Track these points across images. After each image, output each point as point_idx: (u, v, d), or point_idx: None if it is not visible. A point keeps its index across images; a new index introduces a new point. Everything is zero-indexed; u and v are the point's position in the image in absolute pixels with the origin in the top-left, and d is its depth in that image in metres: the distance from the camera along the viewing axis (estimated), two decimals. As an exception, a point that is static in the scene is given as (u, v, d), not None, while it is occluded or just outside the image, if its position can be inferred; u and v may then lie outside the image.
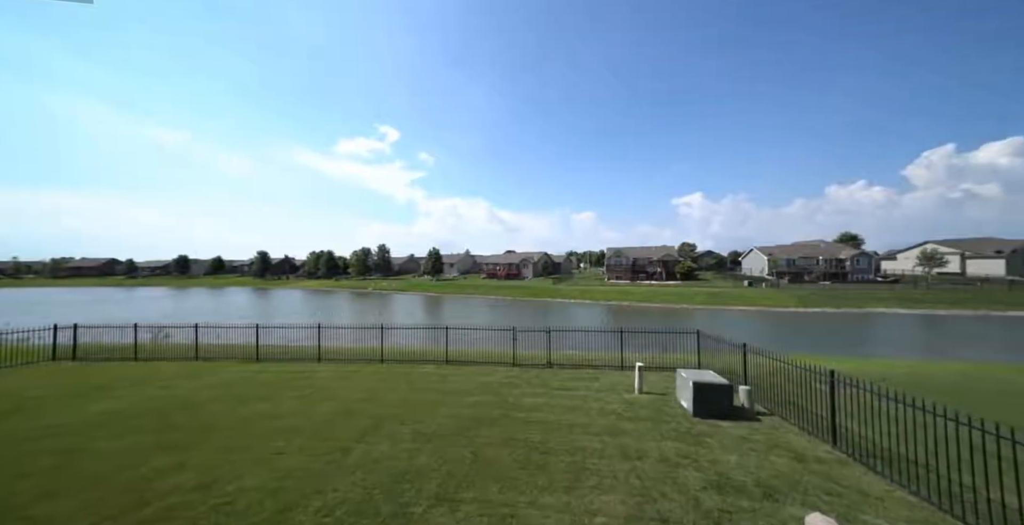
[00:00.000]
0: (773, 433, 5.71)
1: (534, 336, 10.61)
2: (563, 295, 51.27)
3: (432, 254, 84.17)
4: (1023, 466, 3.19)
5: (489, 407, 6.88)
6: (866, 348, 20.74)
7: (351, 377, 9.26)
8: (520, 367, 10.04)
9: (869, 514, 3.75)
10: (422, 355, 11.10)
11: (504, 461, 4.84)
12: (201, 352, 11.76)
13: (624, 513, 3.76)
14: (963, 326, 28.20)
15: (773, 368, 6.58)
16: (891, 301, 37.38)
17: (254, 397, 7.63)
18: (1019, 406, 6.89)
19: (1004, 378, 9.22)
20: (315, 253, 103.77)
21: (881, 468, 4.50)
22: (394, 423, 6.15)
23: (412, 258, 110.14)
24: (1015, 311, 33.03)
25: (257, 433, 5.82)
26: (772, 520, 3.64)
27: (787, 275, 55.13)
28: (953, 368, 10.74)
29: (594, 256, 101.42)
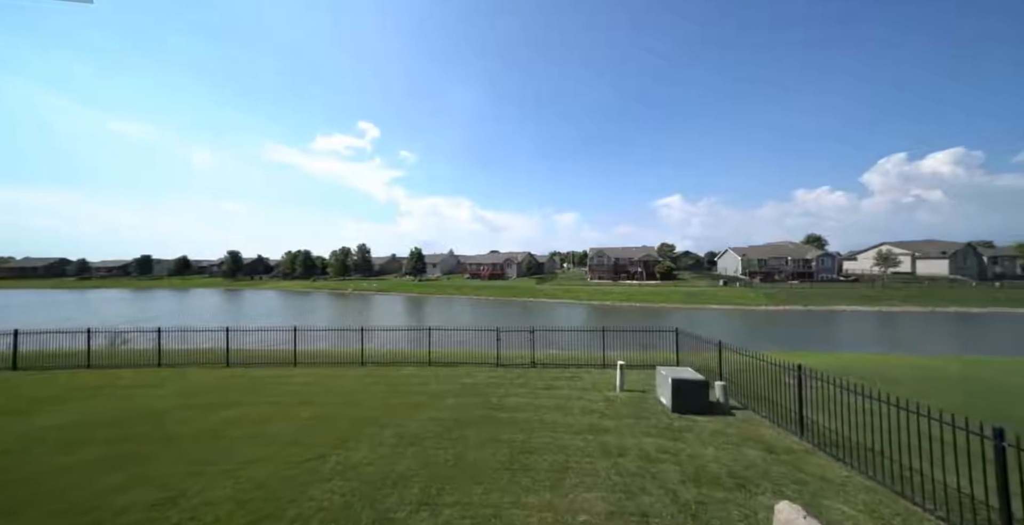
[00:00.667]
0: (746, 426, 5.95)
1: (518, 336, 10.63)
2: (547, 295, 51.66)
3: (414, 254, 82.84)
4: (962, 449, 3.48)
5: (472, 408, 6.83)
6: (831, 344, 22.02)
7: (329, 381, 8.97)
8: (504, 367, 10.03)
9: (832, 499, 3.97)
10: (404, 357, 10.90)
11: (488, 462, 4.81)
12: (165, 357, 11.08)
13: (606, 510, 3.82)
14: (913, 322, 30.45)
15: (746, 364, 6.88)
16: (851, 299, 39.92)
17: (223, 404, 7.26)
18: (962, 394, 7.50)
19: (950, 369, 10.00)
20: (291, 253, 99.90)
21: (843, 456, 4.78)
22: (374, 427, 6.00)
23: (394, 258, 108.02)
24: (957, 307, 36.05)
25: (226, 442, 5.53)
26: (745, 509, 3.80)
27: (759, 274, 57.77)
28: (906, 361, 11.56)
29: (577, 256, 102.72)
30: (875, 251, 60.51)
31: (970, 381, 8.61)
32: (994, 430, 3.23)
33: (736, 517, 3.68)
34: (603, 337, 10.22)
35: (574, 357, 10.52)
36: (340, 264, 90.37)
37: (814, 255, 58.65)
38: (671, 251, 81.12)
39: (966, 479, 3.64)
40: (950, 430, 3.56)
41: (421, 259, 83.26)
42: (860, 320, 31.57)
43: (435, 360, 10.57)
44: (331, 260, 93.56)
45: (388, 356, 10.96)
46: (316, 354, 11.06)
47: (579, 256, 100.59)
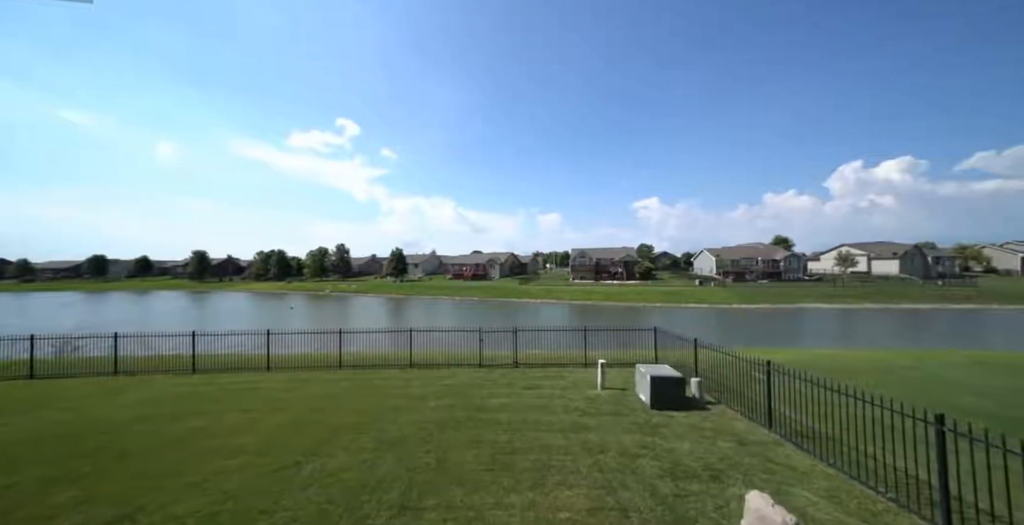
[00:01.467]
0: (720, 420, 6.21)
1: (501, 336, 10.63)
2: (530, 295, 51.92)
3: (395, 254, 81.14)
4: (909, 435, 3.78)
5: (455, 410, 6.78)
6: (797, 340, 23.33)
7: (305, 386, 8.65)
8: (487, 368, 10.00)
9: (797, 487, 4.21)
10: (384, 360, 10.66)
11: (470, 464, 4.79)
12: (123, 365, 10.35)
13: (587, 506, 3.89)
14: (869, 318, 32.72)
15: (719, 360, 7.18)
16: (815, 297, 42.42)
17: (189, 413, 6.86)
18: (910, 384, 8.12)
19: (901, 362, 10.81)
20: (263, 253, 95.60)
21: (807, 446, 5.08)
22: (353, 432, 5.84)
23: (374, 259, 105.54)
24: (906, 304, 39.05)
25: (191, 453, 5.23)
26: (718, 500, 3.96)
27: (732, 274, 60.35)
28: (863, 355, 12.41)
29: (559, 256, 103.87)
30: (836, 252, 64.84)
31: (917, 372, 9.34)
32: (935, 417, 3.53)
33: (710, 508, 3.84)
34: (584, 336, 10.39)
35: (556, 356, 10.62)
36: (317, 265, 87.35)
37: (782, 256, 61.92)
38: (650, 252, 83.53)
39: (912, 462, 3.95)
40: (899, 418, 3.85)
41: (402, 260, 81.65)
42: (823, 317, 33.60)
43: (417, 362, 10.41)
44: (307, 261, 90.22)
45: (368, 359, 10.69)
46: (291, 359, 10.64)
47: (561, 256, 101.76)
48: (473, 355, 10.49)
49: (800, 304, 40.14)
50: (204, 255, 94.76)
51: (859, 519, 3.65)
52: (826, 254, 69.72)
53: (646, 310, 39.18)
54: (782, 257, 61.48)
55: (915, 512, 3.68)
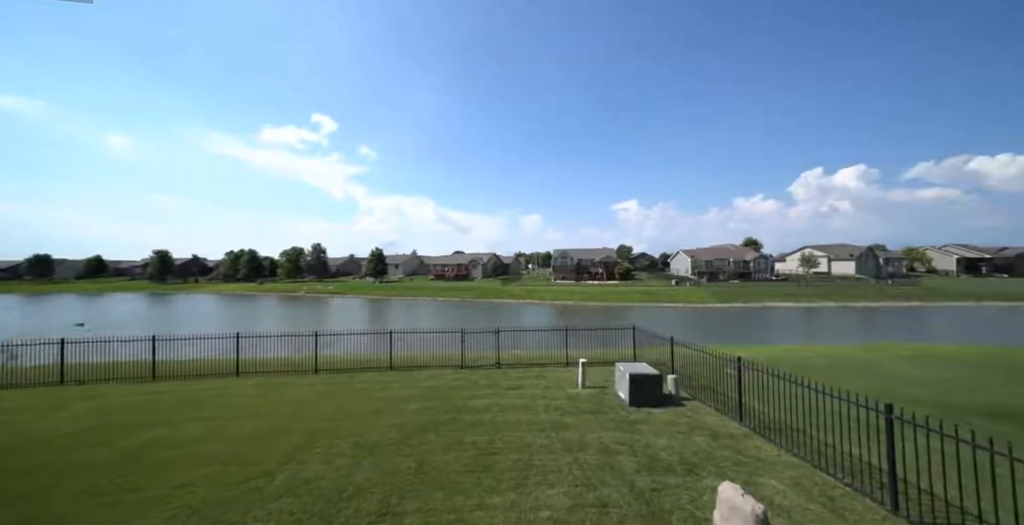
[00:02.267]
0: (695, 415, 6.45)
1: (483, 337, 10.60)
2: (512, 295, 52.04)
3: (374, 254, 79.27)
4: (863, 423, 4.08)
5: (436, 412, 6.70)
6: (765, 337, 24.59)
7: (278, 391, 8.29)
8: (469, 369, 9.94)
9: (765, 477, 4.44)
10: (363, 363, 10.38)
11: (451, 466, 4.74)
12: (72, 374, 9.54)
13: (567, 504, 3.94)
14: (829, 315, 35.00)
15: (694, 358, 7.46)
16: (781, 296, 44.91)
17: (147, 423, 6.41)
18: (864, 376, 8.75)
19: (856, 356, 11.63)
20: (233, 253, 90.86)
21: (774, 437, 5.36)
22: (329, 438, 5.65)
23: (352, 259, 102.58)
24: (861, 302, 42.04)
25: (150, 466, 4.89)
26: (693, 492, 4.12)
27: (706, 274, 62.87)
28: (824, 350, 13.25)
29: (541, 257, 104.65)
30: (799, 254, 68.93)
31: (870, 366, 10.09)
32: (885, 406, 3.82)
33: (685, 500, 3.98)
34: (566, 336, 10.52)
35: (539, 356, 10.70)
36: (291, 265, 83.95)
37: (751, 257, 65.13)
38: (629, 253, 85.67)
39: (867, 449, 4.26)
40: (854, 408, 4.14)
41: (382, 260, 79.84)
42: (788, 315, 35.61)
43: (397, 364, 10.20)
44: (281, 261, 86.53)
45: (346, 362, 10.37)
46: (263, 363, 10.17)
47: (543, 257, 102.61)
48: (455, 356, 10.40)
49: (768, 303, 42.36)
50: (166, 255, 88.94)
51: (820, 505, 3.89)
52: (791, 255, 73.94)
53: (625, 310, 40.15)
54: (752, 258, 64.66)
55: (868, 495, 3.97)
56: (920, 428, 3.52)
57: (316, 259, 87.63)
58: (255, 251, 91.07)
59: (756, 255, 66.14)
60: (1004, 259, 67.70)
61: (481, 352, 10.72)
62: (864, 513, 3.74)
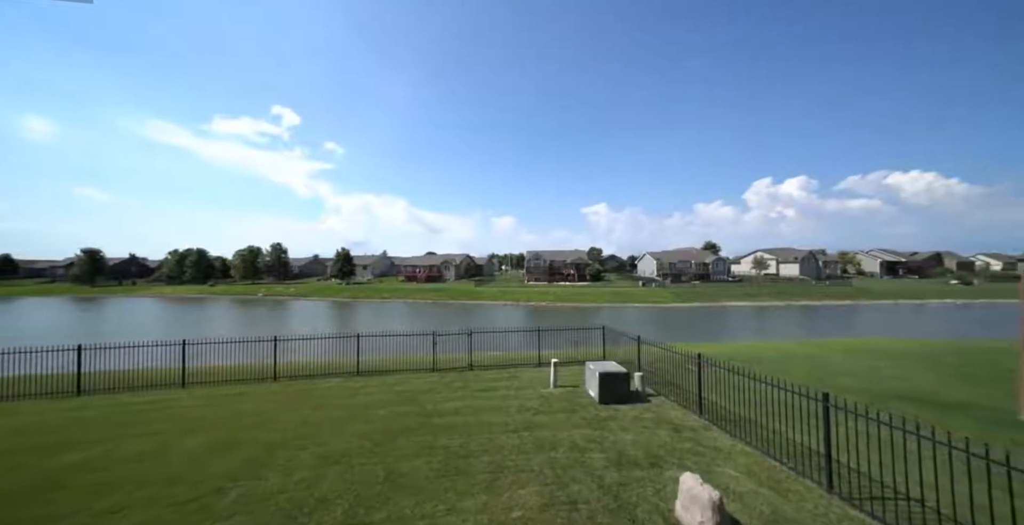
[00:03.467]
0: (659, 410, 6.77)
1: (455, 339, 10.46)
2: (485, 297, 51.83)
3: (341, 255, 75.77)
4: (805, 412, 4.50)
5: (406, 417, 6.52)
6: (723, 334, 26.32)
7: (232, 402, 7.68)
8: (440, 372, 9.77)
9: (721, 466, 4.76)
10: (328, 368, 9.88)
11: (421, 472, 4.64)
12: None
13: (539, 503, 3.99)
14: (777, 313, 38.14)
15: (659, 355, 7.84)
16: (736, 296, 48.32)
17: (71, 443, 5.69)
18: (806, 369, 9.63)
19: (799, 351, 12.76)
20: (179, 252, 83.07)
21: (730, 428, 5.76)
22: (289, 449, 5.32)
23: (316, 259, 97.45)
24: (805, 301, 46.22)
25: (74, 492, 4.35)
26: (657, 484, 4.32)
27: (670, 276, 66.22)
28: (772, 345, 14.40)
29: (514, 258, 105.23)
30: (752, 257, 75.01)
31: (810, 359, 11.11)
32: (823, 395, 4.24)
33: (650, 492, 4.17)
34: (538, 337, 10.65)
35: (511, 357, 10.74)
36: (247, 266, 78.13)
37: (710, 259, 69.53)
38: (599, 255, 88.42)
39: (807, 435, 4.70)
40: (797, 398, 4.56)
41: (349, 261, 76.45)
42: (743, 313, 38.38)
43: (365, 369, 9.81)
44: (235, 261, 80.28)
45: (308, 368, 9.81)
46: (214, 372, 9.37)
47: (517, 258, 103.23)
48: (427, 360, 10.18)
49: (725, 302, 45.40)
50: (96, 253, 79.43)
51: (768, 488, 4.23)
52: (745, 258, 79.98)
53: (596, 310, 41.32)
54: (711, 261, 69.02)
55: (809, 477, 4.37)
56: (851, 414, 3.94)
57: (276, 259, 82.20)
58: (204, 250, 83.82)
59: (714, 258, 70.69)
60: (916, 262, 77.38)
61: (454, 354, 10.58)
62: (805, 493, 4.12)
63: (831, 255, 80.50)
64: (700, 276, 66.70)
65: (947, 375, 8.93)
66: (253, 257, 79.53)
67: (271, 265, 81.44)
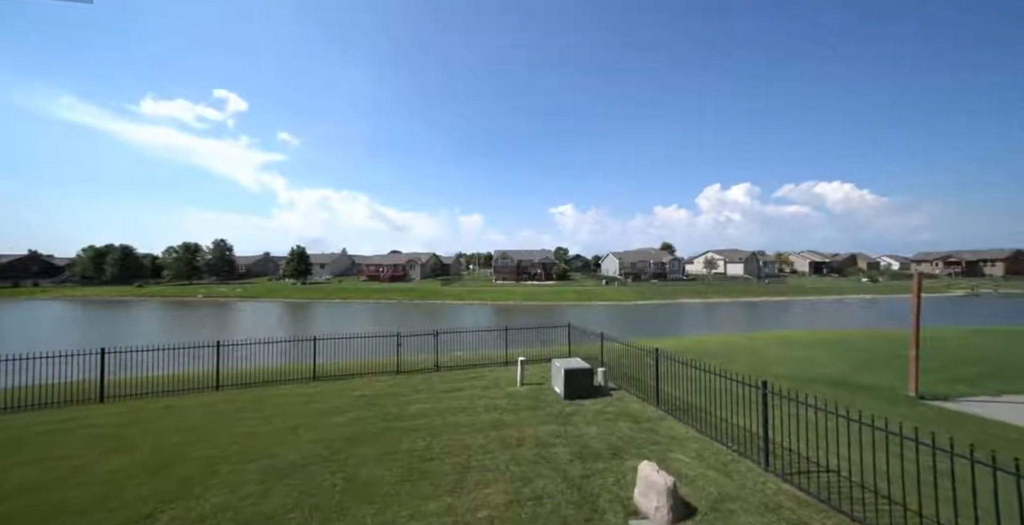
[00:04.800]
0: (620, 403, 7.08)
1: (421, 340, 10.19)
2: (452, 296, 51.06)
3: (296, 252, 70.72)
4: (747, 399, 4.95)
5: (367, 422, 6.24)
6: (678, 329, 28.13)
7: (164, 415, 6.88)
8: (405, 374, 9.47)
9: (676, 453, 5.08)
10: (280, 374, 9.18)
11: (383, 478, 4.46)
12: None
13: (504, 501, 4.00)
14: (725, 309, 41.54)
15: (621, 351, 8.20)
16: (690, 294, 51.92)
17: (-48, 476, 4.77)
18: (747, 360, 10.59)
19: (742, 343, 14.00)
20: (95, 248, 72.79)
21: (683, 417, 6.17)
22: (235, 463, 4.88)
23: (268, 257, 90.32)
24: (748, 298, 50.78)
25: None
26: (617, 474, 4.52)
27: (631, 275, 69.56)
28: (719, 339, 15.66)
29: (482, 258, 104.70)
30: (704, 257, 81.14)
31: (752, 350, 12.24)
32: (761, 383, 4.68)
33: (611, 482, 4.35)
34: (506, 335, 10.68)
35: (478, 357, 10.67)
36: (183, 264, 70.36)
37: (667, 259, 74.06)
38: (565, 254, 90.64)
39: (749, 419, 5.16)
40: (740, 386, 4.99)
41: (305, 259, 71.57)
42: (695, 310, 41.34)
43: (323, 374, 9.25)
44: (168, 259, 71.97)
45: (258, 375, 9.05)
46: (142, 382, 8.33)
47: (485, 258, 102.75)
48: (390, 362, 9.82)
49: (680, 300, 48.61)
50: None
51: (716, 470, 4.59)
52: (697, 258, 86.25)
53: (562, 308, 42.33)
54: (667, 260, 73.51)
55: (749, 458, 4.81)
56: (783, 398, 4.39)
57: (219, 257, 74.82)
58: (130, 247, 74.23)
59: (671, 258, 75.41)
60: (836, 263, 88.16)
61: (419, 356, 10.30)
62: (746, 473, 4.52)
63: (770, 256, 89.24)
64: (658, 275, 70.78)
65: (857, 361, 10.26)
66: (191, 255, 71.73)
67: (213, 264, 73.96)
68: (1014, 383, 7.97)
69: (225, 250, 76.10)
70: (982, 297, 50.29)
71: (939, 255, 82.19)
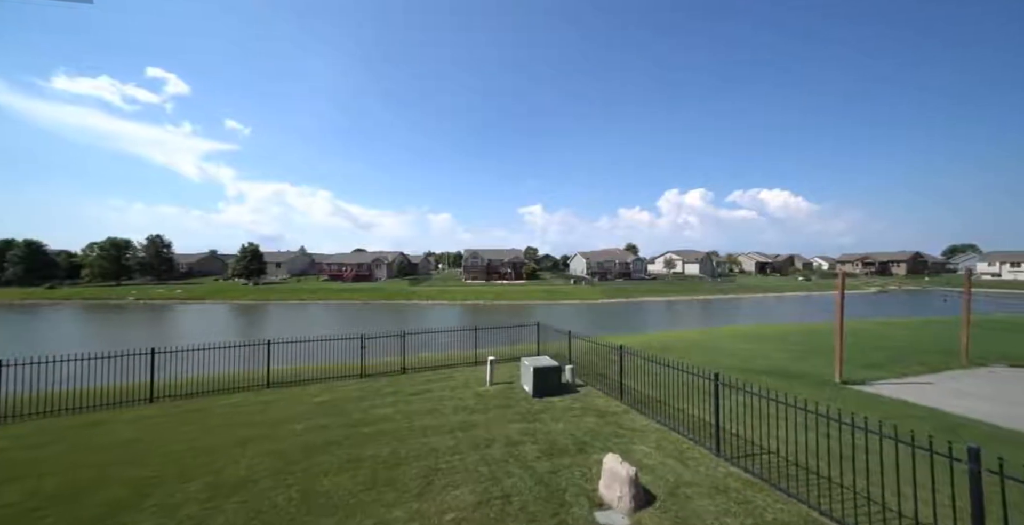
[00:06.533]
0: (587, 399, 7.31)
1: (387, 342, 9.84)
2: (421, 297, 49.83)
3: (248, 250, 65.30)
4: (702, 390, 5.33)
5: (327, 430, 5.92)
6: (641, 326, 29.56)
7: (84, 434, 6.06)
8: (370, 377, 9.11)
9: (638, 444, 5.35)
10: (229, 382, 8.44)
11: (345, 487, 4.27)
12: None
13: (473, 501, 3.98)
14: (683, 306, 44.30)
15: (588, 348, 8.46)
16: (652, 292, 54.74)
17: None
18: (701, 353, 11.38)
19: (697, 338, 15.02)
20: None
21: (645, 410, 6.50)
22: (171, 484, 4.42)
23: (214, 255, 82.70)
24: (703, 295, 54.52)
25: None
26: (583, 468, 4.67)
27: (598, 274, 71.96)
28: (677, 335, 16.69)
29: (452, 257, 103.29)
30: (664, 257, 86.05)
31: (705, 344, 13.18)
32: (713, 375, 5.06)
33: (577, 476, 4.48)
34: (475, 335, 10.62)
35: (447, 358, 10.52)
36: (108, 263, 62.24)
37: (631, 259, 77.51)
38: (535, 254, 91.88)
39: (703, 409, 5.56)
40: (695, 378, 5.35)
41: (258, 257, 66.28)
42: (657, 307, 43.67)
43: (279, 380, 8.63)
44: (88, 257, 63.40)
45: (201, 384, 8.25)
46: (52, 398, 7.25)
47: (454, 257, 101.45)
48: (354, 366, 9.39)
49: (643, 298, 51.07)
50: None
51: (674, 459, 4.89)
52: (658, 258, 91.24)
53: (532, 307, 42.84)
54: (631, 260, 76.93)
55: (703, 445, 5.18)
56: (732, 388, 4.78)
57: (155, 255, 67.16)
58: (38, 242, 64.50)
59: (634, 258, 79.02)
60: (778, 263, 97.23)
61: (385, 358, 9.95)
62: (700, 459, 4.86)
63: (722, 257, 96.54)
64: (623, 274, 73.85)
65: (794, 352, 11.41)
66: (118, 252, 63.65)
67: (147, 263, 66.25)
68: (912, 366, 9.34)
69: (162, 247, 68.36)
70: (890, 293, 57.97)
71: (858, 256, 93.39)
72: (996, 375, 8.76)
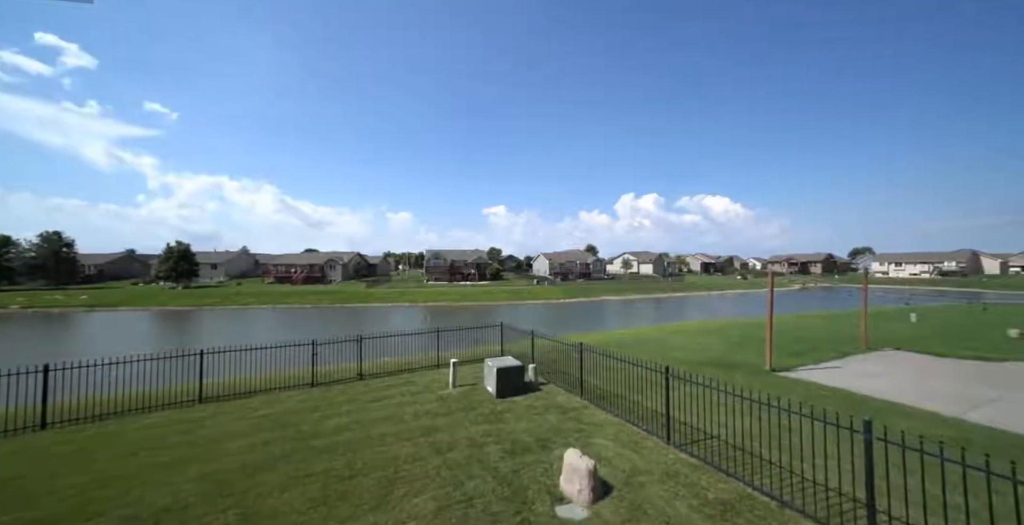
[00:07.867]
0: (549, 397, 7.46)
1: (342, 347, 9.25)
2: (379, 299, 47.63)
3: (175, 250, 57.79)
4: (655, 383, 5.68)
5: (272, 445, 5.43)
6: (600, 324, 30.83)
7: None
8: (323, 386, 8.50)
9: (597, 437, 5.56)
10: (150, 400, 7.39)
11: (292, 506, 3.94)
12: None
13: (435, 507, 3.88)
14: (639, 305, 47.02)
15: (549, 347, 8.63)
16: (610, 292, 57.40)
17: None
18: (655, 349, 12.16)
19: (651, 334, 16.03)
20: None
21: (604, 405, 6.78)
22: (74, 521, 3.77)
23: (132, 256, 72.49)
24: (656, 294, 58.31)
25: None
26: (545, 464, 4.75)
27: (560, 275, 73.90)
28: (633, 332, 17.66)
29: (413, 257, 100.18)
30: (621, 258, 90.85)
31: (657, 340, 14.11)
32: (664, 368, 5.42)
33: (539, 472, 4.55)
34: (438, 337, 10.37)
35: (408, 361, 10.15)
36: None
37: (591, 260, 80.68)
38: (499, 255, 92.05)
39: (656, 401, 5.93)
40: (648, 372, 5.70)
41: (188, 257, 58.93)
42: (614, 306, 45.87)
43: (215, 394, 7.75)
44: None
45: (112, 403, 7.13)
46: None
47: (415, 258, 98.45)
48: (303, 373, 8.71)
49: (603, 297, 53.35)
50: None
51: (630, 449, 5.15)
52: (616, 259, 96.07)
53: (496, 308, 42.84)
54: (591, 261, 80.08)
55: (656, 434, 5.52)
56: (680, 380, 5.15)
57: (50, 255, 57.02)
58: None
59: (594, 259, 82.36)
60: (720, 263, 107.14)
61: (339, 365, 9.36)
62: (653, 448, 5.18)
63: (672, 257, 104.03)
64: (584, 274, 76.60)
65: (731, 344, 12.61)
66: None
67: (40, 264, 56.06)
68: (826, 353, 10.77)
69: (61, 245, 58.20)
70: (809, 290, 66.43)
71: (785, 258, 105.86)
72: (887, 357, 10.41)
